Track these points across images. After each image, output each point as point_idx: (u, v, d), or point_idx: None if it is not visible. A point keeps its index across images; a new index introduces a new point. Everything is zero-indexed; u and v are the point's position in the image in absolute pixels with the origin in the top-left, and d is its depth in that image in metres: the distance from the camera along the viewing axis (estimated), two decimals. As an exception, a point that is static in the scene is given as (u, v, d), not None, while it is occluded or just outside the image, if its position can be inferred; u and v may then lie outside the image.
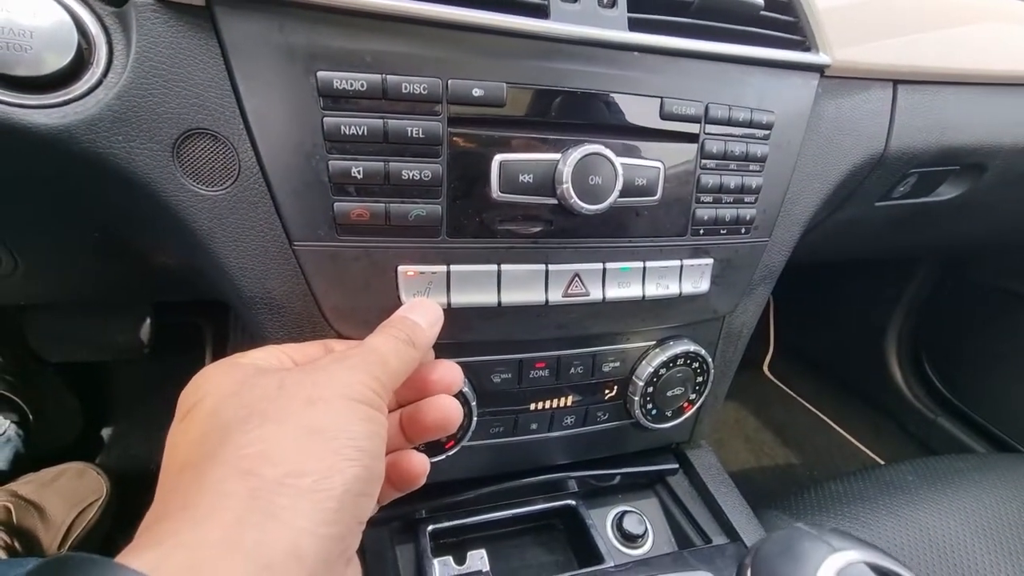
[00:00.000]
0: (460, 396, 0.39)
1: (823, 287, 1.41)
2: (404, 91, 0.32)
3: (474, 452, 0.45)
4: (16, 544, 0.70)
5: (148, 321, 0.95)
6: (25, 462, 0.86)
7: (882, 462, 1.22)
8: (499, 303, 0.37)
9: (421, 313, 0.32)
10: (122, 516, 0.88)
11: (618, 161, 0.36)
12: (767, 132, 0.42)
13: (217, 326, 1.16)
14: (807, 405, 1.40)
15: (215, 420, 0.24)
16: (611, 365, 0.45)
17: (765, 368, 1.53)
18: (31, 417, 0.94)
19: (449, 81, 0.33)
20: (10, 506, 0.74)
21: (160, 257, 0.42)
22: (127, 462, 1.00)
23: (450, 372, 0.33)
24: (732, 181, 0.42)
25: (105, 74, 0.29)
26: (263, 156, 0.32)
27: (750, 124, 0.41)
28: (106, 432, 1.06)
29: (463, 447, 0.43)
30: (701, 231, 0.42)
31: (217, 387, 0.25)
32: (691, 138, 0.39)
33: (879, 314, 1.25)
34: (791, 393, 1.45)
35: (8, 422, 0.91)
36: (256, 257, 0.34)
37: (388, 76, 0.32)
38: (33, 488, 0.79)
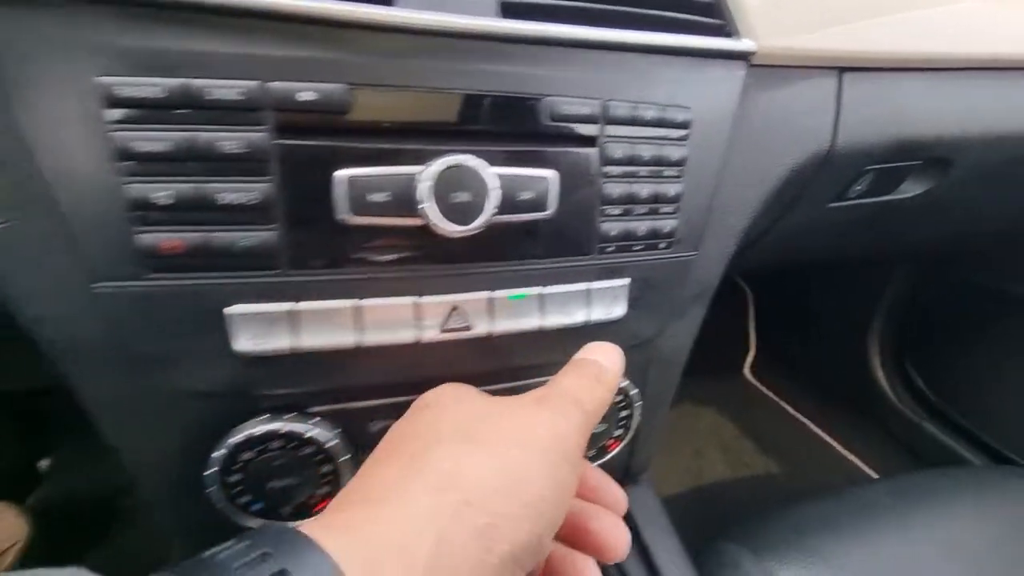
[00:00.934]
0: (326, 452, 0.34)
1: (805, 286, 1.35)
2: (213, 97, 0.26)
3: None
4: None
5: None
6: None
7: (867, 469, 1.17)
8: (360, 344, 0.32)
9: (602, 354, 0.31)
10: (48, 557, 0.82)
11: (491, 172, 0.30)
12: (683, 132, 0.37)
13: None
14: (789, 409, 1.34)
15: (432, 427, 0.26)
16: (517, 403, 0.39)
17: (746, 371, 1.48)
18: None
19: (270, 84, 0.27)
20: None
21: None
22: (59, 497, 0.94)
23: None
24: (644, 190, 0.36)
25: None
26: (50, 182, 0.26)
27: (661, 123, 0.35)
28: (41, 464, 1.00)
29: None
30: (611, 248, 0.36)
31: (445, 399, 0.28)
32: (588, 142, 0.34)
33: (860, 314, 1.20)
34: (773, 397, 1.39)
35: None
36: (55, 301, 0.29)
37: (191, 80, 0.26)
38: (-59, 535, 0.73)
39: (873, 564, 0.56)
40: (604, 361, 0.30)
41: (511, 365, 0.37)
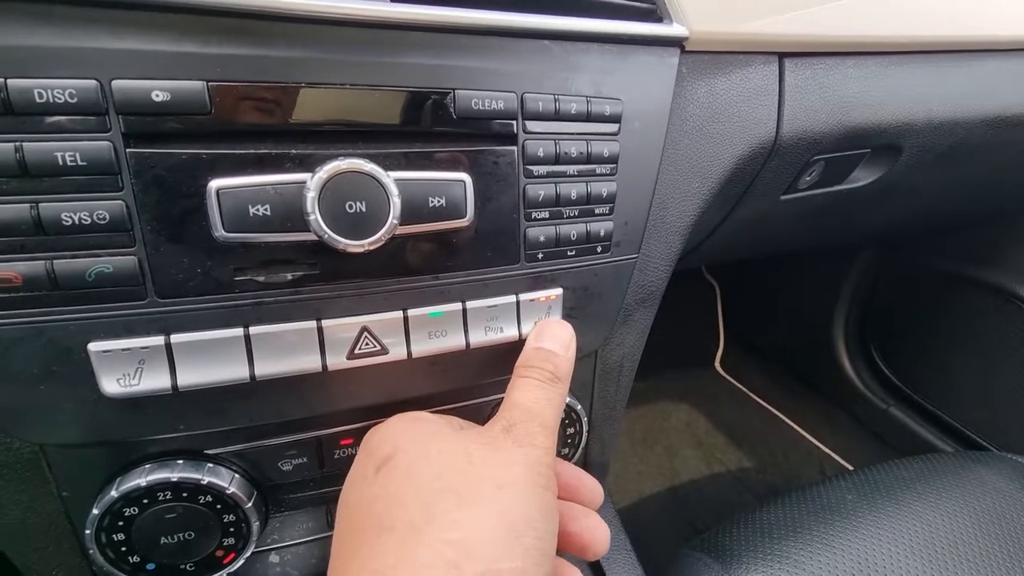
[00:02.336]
0: (227, 499, 0.30)
1: (771, 277, 1.35)
2: (40, 100, 0.22)
3: (282, 555, 0.36)
4: None
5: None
6: None
7: (838, 458, 1.17)
8: (252, 377, 0.28)
9: (551, 338, 0.31)
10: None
11: (392, 178, 0.27)
12: (614, 125, 0.34)
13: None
14: (760, 401, 1.34)
15: (413, 485, 0.24)
16: (449, 429, 0.36)
17: (717, 364, 1.47)
18: None
19: (113, 82, 0.23)
20: None
21: None
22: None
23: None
24: (573, 191, 0.33)
25: None
26: None
27: (589, 117, 0.32)
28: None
29: (257, 554, 0.33)
30: (540, 255, 0.33)
31: (407, 443, 0.26)
32: (506, 140, 0.30)
33: (825, 302, 1.20)
34: (743, 389, 1.39)
35: None
36: None
37: (11, 81, 0.22)
38: None
39: (839, 565, 0.54)
40: (556, 347, 0.31)
41: (443, 389, 0.34)
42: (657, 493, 1.08)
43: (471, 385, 0.35)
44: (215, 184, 0.25)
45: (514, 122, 0.30)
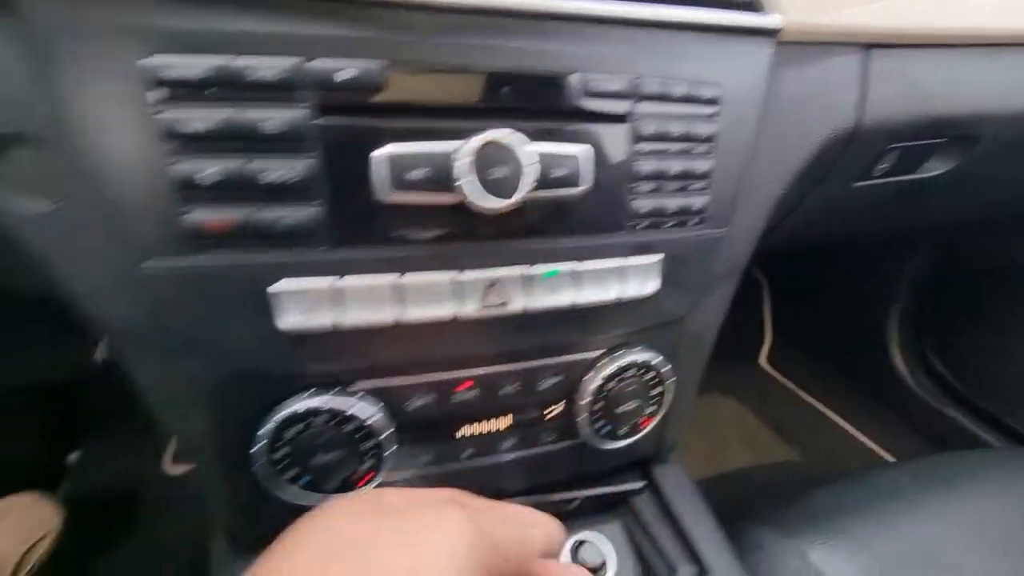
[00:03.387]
0: (368, 428, 0.34)
1: (821, 270, 1.34)
2: (254, 77, 0.27)
3: (402, 485, 0.40)
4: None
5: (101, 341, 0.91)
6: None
7: (886, 455, 1.16)
8: (401, 320, 0.32)
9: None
10: (79, 548, 0.84)
11: (527, 149, 0.30)
12: (714, 108, 0.37)
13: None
14: (807, 398, 1.33)
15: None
16: (550, 382, 0.39)
17: (762, 360, 1.47)
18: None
19: (309, 63, 0.27)
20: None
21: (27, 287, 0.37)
22: (89, 490, 0.96)
23: None
24: (674, 166, 0.36)
25: None
26: (95, 163, 0.27)
27: (691, 100, 0.36)
28: (69, 459, 1.01)
29: (385, 484, 0.37)
30: (642, 225, 0.37)
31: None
32: (620, 118, 0.34)
33: (878, 299, 1.19)
34: (790, 385, 1.38)
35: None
36: (104, 281, 0.29)
37: (232, 60, 0.27)
38: (-23, 526, 0.75)
39: (898, 544, 0.55)
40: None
41: (544, 344, 0.38)
42: (705, 480, 1.09)
43: (575, 341, 0.39)
44: (385, 150, 0.29)
45: (628, 102, 0.34)
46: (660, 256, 0.37)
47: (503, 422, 0.40)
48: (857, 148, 0.47)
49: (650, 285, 0.38)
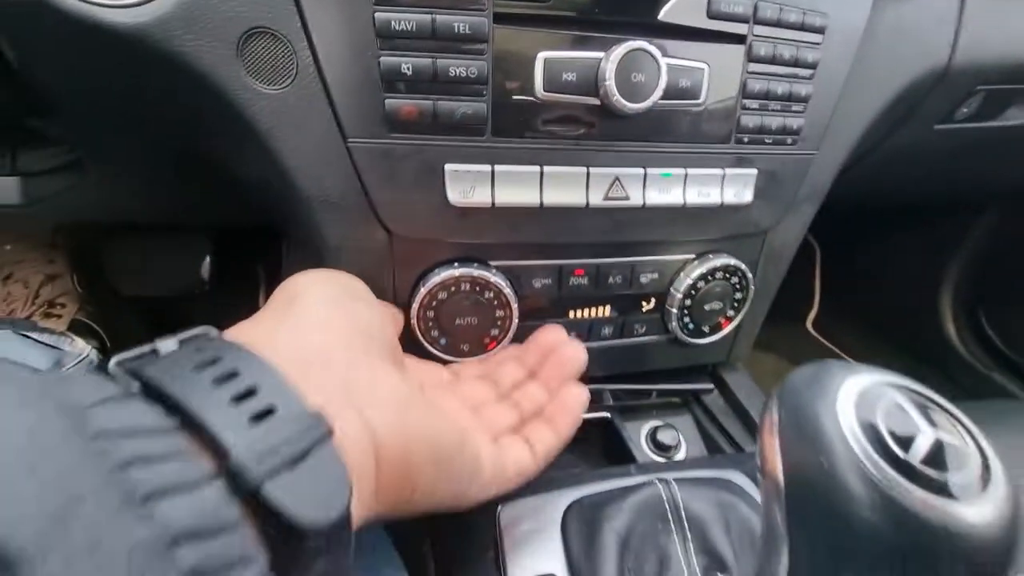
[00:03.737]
0: (503, 297, 0.41)
1: (873, 241, 1.35)
2: (451, -15, 0.33)
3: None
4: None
5: (207, 260, 1.01)
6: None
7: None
8: (541, 203, 0.39)
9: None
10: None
11: (662, 60, 0.36)
12: (819, 36, 0.41)
13: (270, 269, 1.22)
14: (849, 360, 1.36)
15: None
16: (650, 276, 0.46)
17: (808, 324, 1.50)
18: (108, 344, 1.03)
19: (494, -24, 0.33)
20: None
21: (228, 167, 0.45)
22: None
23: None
24: (780, 87, 0.41)
25: (176, -28, 0.32)
26: (319, 54, 0.34)
27: (802, 27, 0.40)
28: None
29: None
30: (746, 139, 0.42)
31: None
32: (738, 39, 0.39)
33: (934, 266, 1.19)
34: (835, 349, 1.41)
35: (89, 346, 1.00)
36: (313, 155, 0.37)
37: (436, -29, 0.33)
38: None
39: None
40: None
41: (654, 238, 0.44)
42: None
43: (675, 241, 0.45)
44: (543, 55, 0.35)
45: (747, 24, 0.38)
46: (755, 170, 0.43)
47: (606, 310, 0.47)
48: (945, 87, 0.50)
49: (746, 195, 0.43)
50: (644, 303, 0.47)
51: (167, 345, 0.21)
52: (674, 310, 0.47)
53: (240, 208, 0.57)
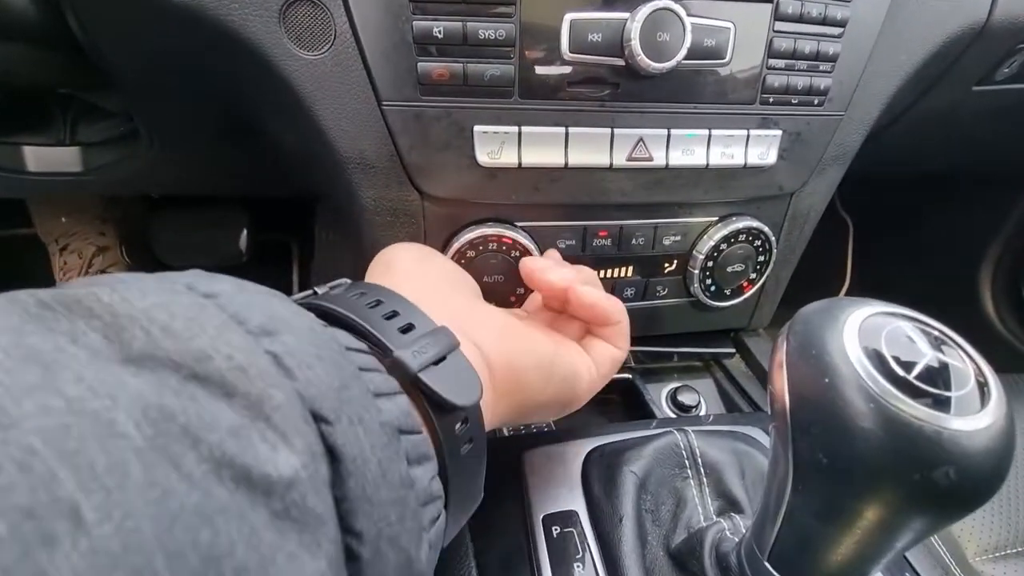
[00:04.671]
0: (529, 255, 0.43)
1: (908, 216, 1.31)
2: (479, -52, 0.34)
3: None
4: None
5: (245, 233, 1.06)
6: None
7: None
8: (566, 164, 0.40)
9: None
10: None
11: (687, 19, 0.36)
12: (849, -7, 0.41)
13: (303, 244, 1.27)
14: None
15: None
16: (672, 238, 0.47)
17: (839, 301, 1.47)
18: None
19: (521, -62, 0.34)
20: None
21: (272, 132, 0.48)
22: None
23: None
24: (807, 47, 0.41)
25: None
26: (355, 19, 0.36)
27: (831, -17, 0.40)
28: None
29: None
30: (771, 100, 0.42)
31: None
32: (766, -3, 0.39)
33: (974, 243, 1.16)
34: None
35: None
36: (351, 118, 0.39)
37: (465, -65, 0.34)
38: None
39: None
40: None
41: (677, 200, 0.45)
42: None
43: (699, 202, 0.46)
44: (568, 16, 0.36)
45: (774, -18, 0.38)
46: (780, 132, 0.43)
47: (628, 270, 0.48)
48: (983, 45, 0.49)
49: (770, 156, 0.44)
50: (667, 264, 0.49)
51: (335, 288, 0.28)
52: (696, 271, 0.48)
53: (282, 177, 0.60)
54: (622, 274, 0.48)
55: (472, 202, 0.42)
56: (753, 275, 0.50)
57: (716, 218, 0.47)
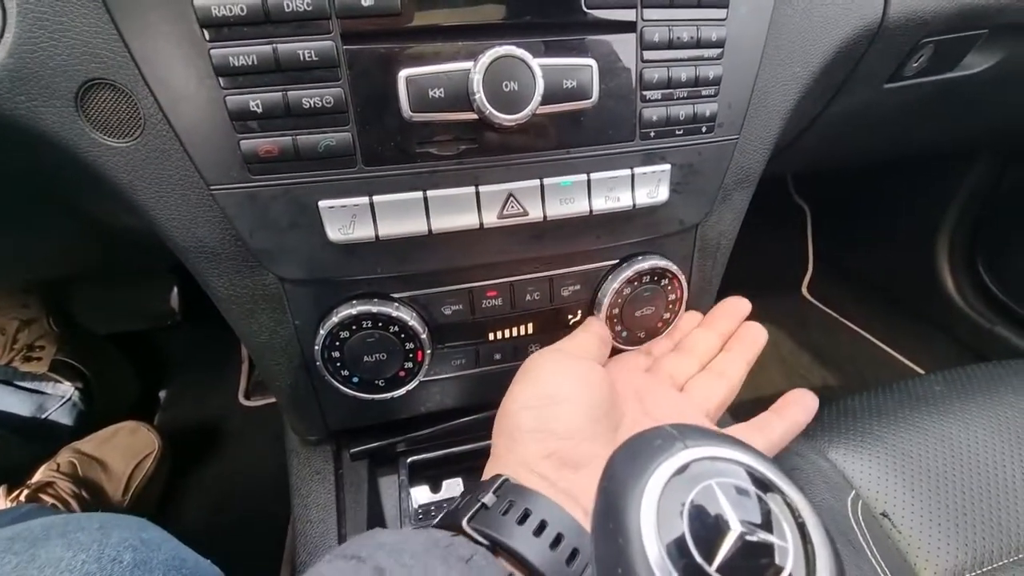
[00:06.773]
0: (409, 330, 0.39)
1: (864, 198, 1.29)
2: (287, 9, 0.30)
3: (439, 386, 0.45)
4: (84, 493, 0.79)
5: (175, 290, 1.01)
6: (89, 424, 0.95)
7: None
8: (430, 230, 0.36)
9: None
10: (173, 468, 0.97)
11: (536, 63, 0.33)
12: (723, 11, 0.37)
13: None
14: (849, 324, 1.32)
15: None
16: (571, 289, 0.43)
17: (804, 290, 1.45)
18: (93, 382, 1.04)
19: (334, -7, 0.30)
20: (75, 461, 0.83)
21: (114, 220, 0.43)
22: (178, 421, 1.09)
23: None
24: (683, 74, 0.37)
25: (-5, 32, 0.29)
26: (161, 101, 0.31)
27: (699, 3, 0.36)
28: (160, 395, 1.15)
29: (423, 382, 0.43)
30: (652, 134, 0.38)
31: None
32: (627, 27, 0.35)
33: (928, 217, 1.14)
34: (832, 314, 1.37)
35: (72, 388, 1.01)
36: (180, 205, 0.35)
37: (269, -4, 0.30)
38: (94, 445, 0.88)
39: (924, 444, 0.57)
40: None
41: (565, 252, 0.41)
42: (740, 402, 1.12)
43: (593, 249, 0.42)
44: (404, 73, 0.32)
45: (634, 10, 0.35)
46: (668, 166, 0.39)
47: (529, 327, 0.44)
48: (885, 44, 0.46)
49: (660, 194, 0.40)
50: (570, 316, 0.45)
51: (489, 498, 0.30)
52: (603, 319, 0.44)
53: (148, 252, 0.55)
54: (522, 332, 0.44)
55: (337, 280, 0.38)
56: (667, 315, 0.46)
57: (617, 260, 0.44)
